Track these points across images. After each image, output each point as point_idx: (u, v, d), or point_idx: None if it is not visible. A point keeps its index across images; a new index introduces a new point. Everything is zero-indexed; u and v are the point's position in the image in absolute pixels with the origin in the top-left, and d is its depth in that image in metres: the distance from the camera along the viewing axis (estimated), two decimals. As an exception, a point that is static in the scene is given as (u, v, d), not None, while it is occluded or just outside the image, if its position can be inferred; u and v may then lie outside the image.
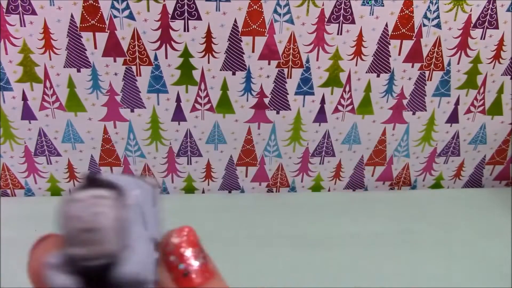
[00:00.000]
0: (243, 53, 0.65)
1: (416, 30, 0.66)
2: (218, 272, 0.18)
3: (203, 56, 0.65)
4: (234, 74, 0.67)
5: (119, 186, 0.15)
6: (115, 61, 0.64)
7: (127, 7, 0.61)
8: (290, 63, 0.67)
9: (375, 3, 0.64)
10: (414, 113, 0.73)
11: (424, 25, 0.66)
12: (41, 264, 0.16)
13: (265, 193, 0.78)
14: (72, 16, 0.61)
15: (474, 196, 0.77)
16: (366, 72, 0.68)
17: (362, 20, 0.65)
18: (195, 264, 0.17)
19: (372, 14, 0.64)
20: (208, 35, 0.64)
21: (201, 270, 0.17)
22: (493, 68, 0.70)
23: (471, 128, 0.75)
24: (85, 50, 0.63)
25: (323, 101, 0.70)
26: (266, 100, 0.69)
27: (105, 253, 0.13)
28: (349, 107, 0.71)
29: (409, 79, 0.70)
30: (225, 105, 0.69)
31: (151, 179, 0.20)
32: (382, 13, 0.64)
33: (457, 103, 0.72)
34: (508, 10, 0.65)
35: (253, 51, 0.65)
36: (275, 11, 0.63)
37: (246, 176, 0.76)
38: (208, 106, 0.69)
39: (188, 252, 0.17)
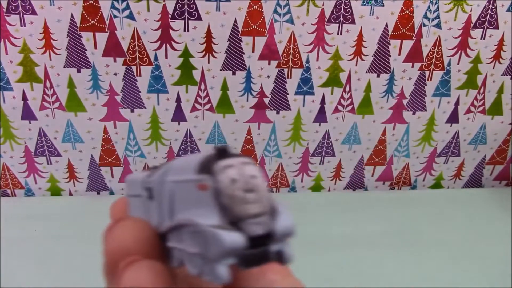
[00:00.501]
0: (243, 53, 0.65)
1: (416, 30, 0.66)
2: None
3: (203, 56, 0.65)
4: (234, 74, 0.66)
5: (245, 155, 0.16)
6: (115, 61, 0.64)
7: (127, 7, 0.61)
8: (290, 63, 0.67)
9: (375, 3, 0.64)
10: (414, 113, 0.73)
11: (424, 25, 0.66)
12: (123, 244, 0.16)
13: (265, 193, 0.78)
14: (72, 16, 0.61)
15: (474, 196, 0.77)
16: (366, 72, 0.68)
17: (362, 20, 0.65)
18: None
19: (372, 14, 0.64)
20: (208, 35, 0.64)
21: None
22: (493, 68, 0.70)
23: (471, 128, 0.75)
24: (85, 50, 0.63)
25: (323, 101, 0.70)
26: (266, 100, 0.69)
27: (268, 209, 0.15)
28: (349, 107, 0.71)
29: (409, 79, 0.70)
30: (225, 105, 0.69)
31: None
32: (382, 13, 0.64)
33: (457, 103, 0.72)
34: (508, 10, 0.65)
35: (253, 51, 0.65)
36: (275, 11, 0.63)
37: (246, 176, 0.76)
38: (208, 106, 0.69)
39: None
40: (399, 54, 0.67)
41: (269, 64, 0.66)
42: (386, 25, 0.65)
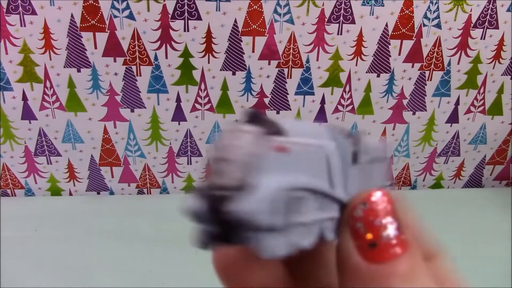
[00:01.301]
0: (243, 53, 0.65)
1: (416, 30, 0.66)
2: (415, 247, 0.15)
3: (203, 56, 0.65)
4: (234, 74, 0.67)
5: (282, 129, 0.14)
6: (115, 61, 0.64)
7: (127, 7, 0.61)
8: (290, 63, 0.67)
9: (375, 3, 0.64)
10: (414, 113, 0.73)
11: (424, 25, 0.66)
12: None
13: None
14: (72, 16, 0.61)
15: (474, 196, 0.77)
16: (366, 72, 0.68)
17: (362, 20, 0.65)
18: (385, 235, 0.14)
19: (372, 14, 0.64)
20: (208, 35, 0.64)
21: (391, 244, 0.14)
22: (493, 68, 0.70)
23: (471, 128, 0.75)
24: (85, 50, 0.63)
25: (323, 101, 0.70)
26: (266, 100, 0.69)
27: (226, 185, 0.13)
28: (349, 107, 0.71)
29: (409, 79, 0.70)
30: (225, 105, 0.69)
31: (358, 135, 0.18)
32: (382, 13, 0.64)
33: (457, 103, 0.72)
34: (508, 10, 0.65)
35: (253, 51, 0.65)
36: (275, 11, 0.63)
37: (246, 176, 0.76)
38: (208, 106, 0.69)
39: (379, 220, 0.15)
40: (399, 54, 0.67)
41: (269, 64, 0.66)
42: (386, 25, 0.65)
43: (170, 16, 0.62)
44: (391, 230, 0.14)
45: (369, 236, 0.14)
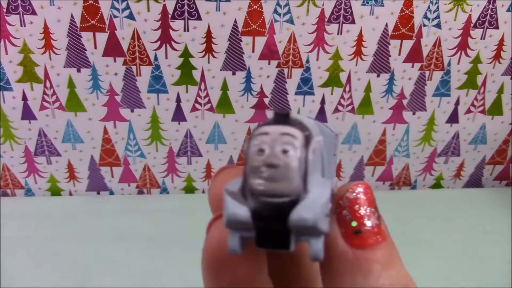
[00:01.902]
0: (243, 53, 0.65)
1: (416, 30, 0.66)
2: (390, 236, 0.16)
3: (203, 56, 0.65)
4: (234, 74, 0.67)
5: (308, 128, 0.14)
6: (115, 61, 0.64)
7: (127, 7, 0.61)
8: (290, 63, 0.67)
9: (375, 3, 0.64)
10: (414, 113, 0.73)
11: (424, 25, 0.66)
12: (222, 190, 0.15)
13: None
14: (72, 16, 0.61)
15: (474, 196, 0.77)
16: (366, 72, 0.68)
17: (362, 20, 0.65)
18: (368, 223, 0.16)
19: (372, 14, 0.64)
20: (208, 35, 0.64)
21: (373, 232, 0.16)
22: (493, 68, 0.70)
23: (471, 128, 0.75)
24: (85, 50, 0.63)
25: (323, 101, 0.70)
26: (266, 100, 0.69)
27: (284, 192, 0.13)
28: (349, 107, 0.71)
29: (409, 79, 0.70)
30: (225, 105, 0.69)
31: (333, 128, 0.19)
32: (382, 13, 0.64)
33: (457, 103, 0.72)
34: (508, 10, 0.65)
35: (253, 51, 0.65)
36: (275, 11, 0.63)
37: (246, 176, 0.76)
38: (208, 106, 0.69)
39: (363, 210, 0.16)
40: (399, 54, 0.67)
41: (269, 64, 0.66)
42: (386, 25, 0.65)
43: (170, 16, 0.62)
44: (373, 219, 0.16)
45: (354, 224, 0.16)
